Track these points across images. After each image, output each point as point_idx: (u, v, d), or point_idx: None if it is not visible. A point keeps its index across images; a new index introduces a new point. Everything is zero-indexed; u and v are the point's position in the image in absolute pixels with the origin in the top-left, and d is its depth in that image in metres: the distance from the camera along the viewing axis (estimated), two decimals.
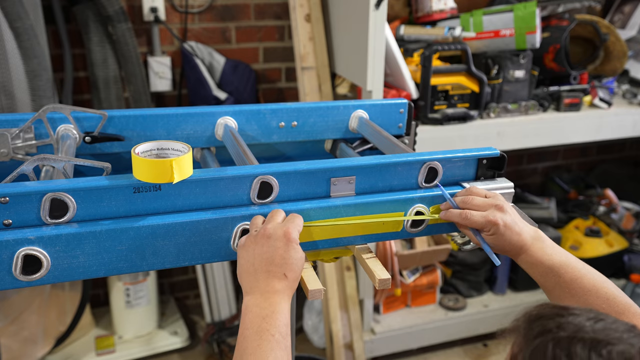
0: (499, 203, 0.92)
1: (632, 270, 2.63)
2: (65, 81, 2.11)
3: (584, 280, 0.85)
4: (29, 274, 0.80)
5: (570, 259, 0.89)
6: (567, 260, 0.88)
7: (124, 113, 1.08)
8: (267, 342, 0.74)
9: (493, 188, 1.02)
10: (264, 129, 1.17)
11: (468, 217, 0.92)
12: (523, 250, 0.90)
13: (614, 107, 2.22)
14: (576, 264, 0.88)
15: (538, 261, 0.89)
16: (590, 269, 0.88)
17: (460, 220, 0.94)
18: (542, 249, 0.90)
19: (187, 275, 2.73)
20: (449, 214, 0.96)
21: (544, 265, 0.88)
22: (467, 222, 0.93)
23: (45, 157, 0.88)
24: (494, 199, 0.94)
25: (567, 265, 0.87)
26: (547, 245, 0.91)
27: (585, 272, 0.87)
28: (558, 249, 0.91)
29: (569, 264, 0.88)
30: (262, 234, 0.82)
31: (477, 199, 0.94)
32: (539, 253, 0.89)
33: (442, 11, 2.13)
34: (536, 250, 0.90)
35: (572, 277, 0.86)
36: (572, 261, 0.89)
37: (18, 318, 2.18)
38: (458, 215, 0.94)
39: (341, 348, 2.25)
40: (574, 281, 0.86)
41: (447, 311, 2.48)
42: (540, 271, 0.89)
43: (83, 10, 2.07)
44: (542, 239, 0.91)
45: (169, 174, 0.80)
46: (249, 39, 2.43)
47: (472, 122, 2.01)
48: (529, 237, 0.91)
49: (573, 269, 0.87)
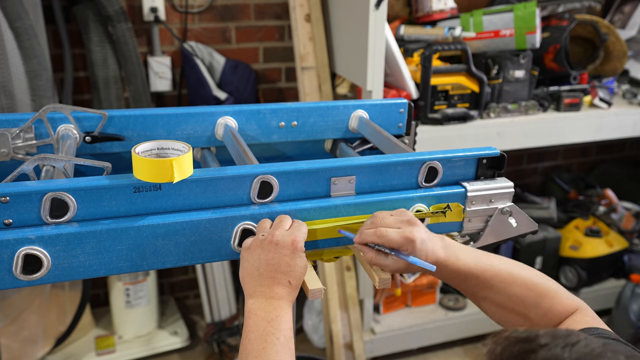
0: (409, 218, 0.86)
1: (632, 270, 2.63)
2: (65, 81, 2.11)
3: (501, 274, 0.85)
4: (29, 274, 0.80)
5: (482, 258, 0.86)
6: (480, 259, 0.86)
7: (124, 113, 1.08)
8: (272, 345, 0.75)
9: (493, 188, 1.02)
10: (264, 129, 1.17)
11: (384, 235, 0.85)
12: (438, 264, 0.85)
13: (614, 107, 2.22)
14: (488, 259, 0.86)
15: (455, 270, 0.85)
16: (502, 259, 0.87)
17: (376, 239, 0.86)
18: (455, 256, 0.85)
19: (187, 275, 2.73)
20: (363, 235, 0.87)
21: (461, 272, 0.85)
22: (384, 239, 0.85)
23: (46, 157, 0.88)
24: (403, 215, 0.88)
25: (482, 263, 0.85)
26: (458, 250, 0.86)
27: (499, 264, 0.86)
28: (467, 249, 0.87)
29: (482, 263, 0.85)
30: (270, 240, 0.82)
31: (387, 218, 0.87)
32: (453, 261, 0.85)
33: (442, 11, 2.13)
34: (451, 260, 0.85)
35: (489, 274, 0.85)
36: (484, 258, 0.86)
37: (18, 318, 2.18)
38: (373, 234, 0.86)
39: (341, 348, 2.25)
40: (492, 278, 0.85)
41: (447, 311, 2.48)
42: (459, 278, 0.86)
43: (83, 10, 2.07)
44: (452, 247, 0.87)
45: (169, 174, 0.80)
46: (249, 39, 2.43)
47: (472, 122, 2.01)
48: (441, 248, 0.86)
49: (488, 266, 0.85)
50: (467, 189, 1.00)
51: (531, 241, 2.56)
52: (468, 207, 1.01)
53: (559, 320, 0.82)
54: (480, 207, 1.02)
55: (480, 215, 1.03)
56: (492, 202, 1.02)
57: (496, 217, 1.03)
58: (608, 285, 2.69)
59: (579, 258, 2.61)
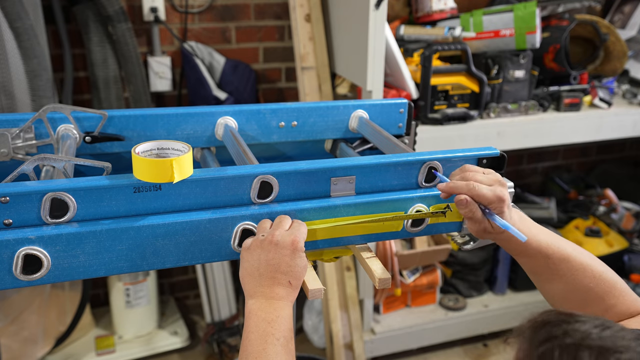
0: (501, 179, 0.84)
1: (632, 270, 2.63)
2: (65, 81, 2.11)
3: (571, 260, 0.83)
4: (29, 274, 0.80)
5: (556, 238, 0.85)
6: (553, 239, 0.84)
7: (124, 113, 1.08)
8: (272, 346, 0.75)
9: None
10: (264, 129, 1.17)
11: (476, 189, 0.81)
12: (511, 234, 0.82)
13: (614, 107, 2.22)
14: (562, 243, 0.85)
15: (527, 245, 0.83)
16: (576, 247, 0.85)
17: (467, 192, 0.82)
18: (529, 229, 0.84)
19: (187, 275, 2.73)
20: (453, 186, 0.84)
21: (533, 249, 0.83)
22: (475, 193, 0.81)
23: (46, 157, 0.88)
24: (494, 175, 0.85)
25: (555, 245, 0.84)
26: (532, 226, 0.85)
27: (572, 250, 0.84)
28: (541, 227, 0.86)
29: (555, 243, 0.84)
30: (270, 241, 0.82)
31: (479, 175, 0.85)
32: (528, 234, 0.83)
33: (442, 11, 2.13)
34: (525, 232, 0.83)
35: (560, 257, 0.83)
36: (557, 240, 0.85)
37: (18, 318, 2.18)
38: (465, 187, 0.82)
39: (341, 348, 2.25)
40: (562, 261, 0.83)
41: (447, 311, 2.48)
42: (529, 253, 0.84)
43: (83, 10, 2.07)
44: (526, 220, 0.86)
45: (169, 174, 0.80)
46: (249, 39, 2.43)
47: (472, 122, 2.01)
48: (517, 219, 0.85)
49: (560, 248, 0.83)
50: None
51: None
52: None
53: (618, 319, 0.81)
54: None
55: None
56: None
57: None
58: None
59: None
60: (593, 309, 0.83)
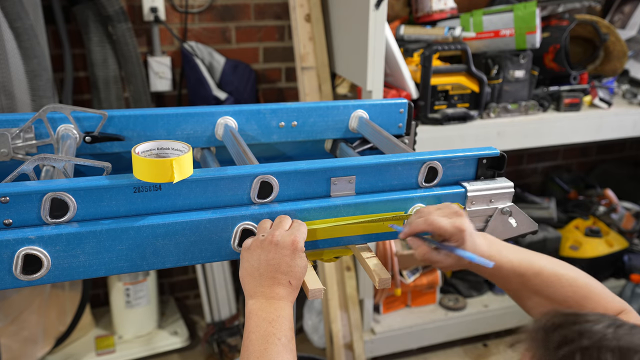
0: (457, 210, 0.85)
1: (632, 270, 2.63)
2: (65, 81, 2.11)
3: (544, 272, 0.83)
4: (29, 274, 0.80)
5: (526, 256, 0.85)
6: (524, 256, 0.85)
7: (124, 113, 1.08)
8: (273, 346, 0.75)
9: (493, 188, 1.02)
10: (264, 129, 1.17)
11: (434, 223, 0.83)
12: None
13: (614, 107, 2.22)
14: (533, 258, 0.85)
15: (498, 267, 0.84)
16: (548, 259, 0.85)
17: (426, 228, 0.84)
18: (498, 253, 0.84)
19: (187, 275, 2.73)
20: (412, 225, 0.86)
21: (504, 270, 0.84)
22: (434, 227, 0.83)
23: (46, 157, 0.88)
24: (450, 207, 0.86)
25: (526, 261, 0.84)
26: (501, 247, 0.85)
27: (544, 263, 0.84)
28: (511, 247, 0.86)
29: (526, 260, 0.84)
30: (270, 241, 0.82)
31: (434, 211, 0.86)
32: (497, 258, 0.83)
33: (442, 11, 2.13)
34: (494, 257, 0.83)
35: (533, 272, 0.83)
36: (529, 256, 0.85)
37: (18, 318, 2.18)
38: (423, 223, 0.84)
39: (341, 348, 2.25)
40: (536, 276, 0.83)
41: (447, 311, 2.48)
42: (502, 275, 0.85)
43: (83, 10, 2.07)
44: (495, 243, 0.85)
45: (169, 174, 0.80)
46: (249, 39, 2.43)
47: (472, 122, 2.01)
48: (485, 245, 0.84)
49: (532, 264, 0.84)
50: (467, 189, 1.00)
51: (531, 241, 2.55)
52: (468, 207, 1.01)
53: None
54: (480, 207, 1.02)
55: (480, 215, 1.03)
56: (492, 202, 1.02)
57: (496, 217, 1.03)
58: (608, 285, 2.68)
59: (579, 258, 2.61)
60: None
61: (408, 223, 0.88)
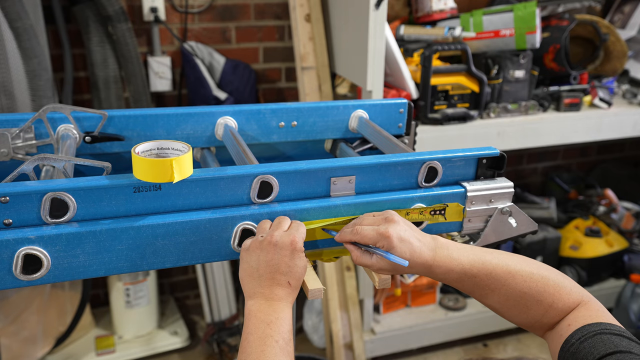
0: (388, 216, 0.86)
1: (632, 270, 2.63)
2: (65, 81, 2.11)
3: (497, 271, 0.83)
4: (29, 274, 0.80)
5: (479, 254, 0.84)
6: (476, 257, 0.84)
7: (124, 113, 1.08)
8: (271, 348, 0.75)
9: (493, 188, 1.02)
10: (264, 129, 1.17)
11: (358, 233, 0.86)
12: (428, 265, 0.83)
13: (614, 107, 2.22)
14: (486, 257, 0.84)
15: (448, 270, 0.83)
16: (502, 255, 0.85)
17: (352, 237, 0.87)
18: (448, 256, 0.83)
19: (187, 275, 2.73)
20: (341, 234, 0.90)
21: (455, 273, 0.83)
22: (358, 236, 0.86)
23: (46, 157, 0.88)
24: (384, 213, 0.88)
25: (479, 262, 0.83)
26: (451, 249, 0.84)
27: (497, 262, 0.83)
28: (462, 248, 0.85)
29: (478, 260, 0.83)
30: (269, 241, 0.82)
31: (367, 219, 0.89)
32: (447, 262, 0.83)
33: (442, 11, 2.13)
34: (442, 260, 0.83)
35: (486, 272, 0.83)
36: (481, 255, 0.84)
37: (18, 318, 2.18)
38: (349, 233, 0.87)
39: (341, 348, 2.25)
40: (488, 276, 0.83)
41: (447, 311, 2.48)
42: (454, 278, 0.84)
43: (83, 10, 2.07)
44: (444, 247, 0.85)
45: (169, 174, 0.80)
46: (249, 39, 2.43)
47: (472, 122, 2.01)
48: (430, 249, 0.84)
49: (484, 264, 0.83)
50: (467, 189, 1.00)
51: (531, 241, 2.56)
52: (468, 207, 1.01)
53: (560, 316, 0.81)
54: (480, 207, 1.02)
55: (480, 215, 1.03)
56: (492, 202, 1.02)
57: (496, 217, 1.03)
58: (608, 285, 2.69)
59: (579, 258, 2.61)
60: (535, 311, 0.83)
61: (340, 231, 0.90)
